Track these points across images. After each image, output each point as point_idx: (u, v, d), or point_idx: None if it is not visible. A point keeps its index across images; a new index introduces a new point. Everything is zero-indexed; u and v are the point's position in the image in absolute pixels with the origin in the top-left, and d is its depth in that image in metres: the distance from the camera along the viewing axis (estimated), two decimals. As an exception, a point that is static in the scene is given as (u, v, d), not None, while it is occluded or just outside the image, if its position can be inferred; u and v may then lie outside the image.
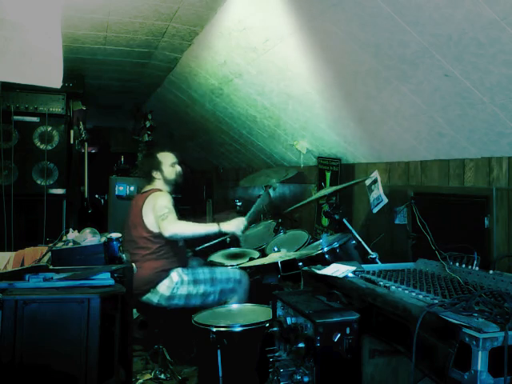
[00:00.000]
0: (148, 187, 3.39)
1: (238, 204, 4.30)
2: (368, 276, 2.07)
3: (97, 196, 6.15)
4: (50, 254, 2.46)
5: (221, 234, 3.97)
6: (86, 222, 4.65)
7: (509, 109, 2.00)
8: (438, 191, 2.66)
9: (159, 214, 3.07)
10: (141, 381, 3.13)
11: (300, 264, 2.73)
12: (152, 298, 3.14)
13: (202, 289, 3.17)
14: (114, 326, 1.94)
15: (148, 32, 3.56)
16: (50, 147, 4.65)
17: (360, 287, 1.90)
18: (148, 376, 3.19)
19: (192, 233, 3.15)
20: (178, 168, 3.44)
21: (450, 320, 1.38)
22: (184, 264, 3.31)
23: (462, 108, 2.18)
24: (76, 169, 5.14)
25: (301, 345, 1.83)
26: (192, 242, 3.85)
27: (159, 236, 3.12)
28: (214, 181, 7.04)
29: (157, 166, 3.37)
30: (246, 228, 3.34)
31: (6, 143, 4.45)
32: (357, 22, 2.21)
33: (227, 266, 3.50)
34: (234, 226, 3.19)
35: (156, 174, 3.37)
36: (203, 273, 3.23)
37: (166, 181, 3.38)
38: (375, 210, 3.11)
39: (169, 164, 3.39)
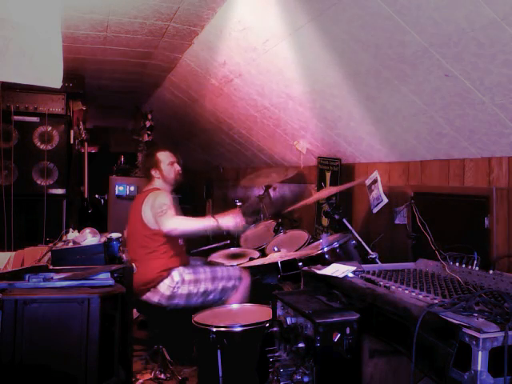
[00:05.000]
0: (148, 187, 3.42)
1: (238, 204, 4.31)
2: (368, 276, 2.07)
3: (97, 196, 6.15)
4: (49, 253, 2.46)
5: (222, 236, 3.96)
6: (86, 222, 4.66)
7: (509, 109, 2.00)
8: (438, 191, 2.66)
9: (158, 210, 3.09)
10: (141, 381, 3.13)
11: (300, 264, 2.73)
12: (152, 297, 3.14)
13: (202, 288, 3.17)
14: (114, 325, 1.94)
15: (148, 32, 3.56)
16: (50, 147, 4.65)
17: (360, 287, 1.90)
18: (148, 376, 3.19)
19: (190, 227, 3.15)
20: (177, 167, 3.46)
21: (450, 320, 1.38)
22: (185, 263, 3.31)
23: (462, 108, 2.18)
24: (76, 169, 5.14)
25: (301, 345, 1.83)
26: (193, 244, 3.86)
27: (158, 234, 3.13)
28: (213, 181, 7.04)
29: (155, 164, 3.40)
30: (245, 223, 3.33)
31: (5, 143, 4.45)
32: (357, 21, 2.22)
33: (227, 266, 3.50)
34: (232, 220, 3.18)
35: (155, 173, 3.40)
36: (204, 271, 3.24)
37: (165, 179, 3.40)
38: (375, 210, 3.11)
39: (167, 163, 3.42)
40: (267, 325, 2.42)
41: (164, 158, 3.42)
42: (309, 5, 2.39)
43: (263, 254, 3.53)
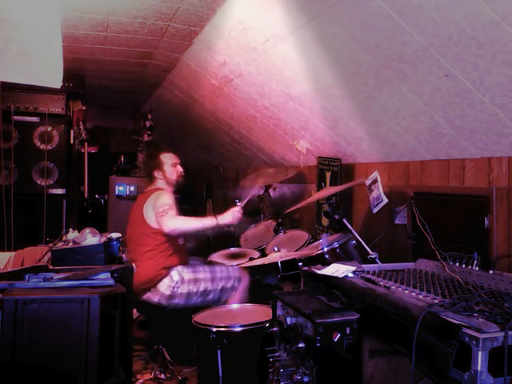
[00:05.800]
0: (150, 187, 3.43)
1: (238, 204, 4.32)
2: (368, 276, 2.07)
3: (97, 196, 6.15)
4: (49, 253, 2.47)
5: (222, 236, 3.96)
6: (86, 222, 4.67)
7: (509, 109, 2.00)
8: (438, 191, 2.66)
9: (159, 210, 3.10)
10: (141, 381, 3.13)
11: (300, 264, 2.73)
12: (152, 297, 3.14)
13: (202, 287, 3.18)
14: (114, 325, 1.94)
15: (148, 32, 3.56)
16: (50, 147, 4.65)
17: (360, 287, 1.90)
18: (148, 376, 3.19)
19: (191, 227, 3.17)
20: (180, 168, 3.49)
21: (450, 320, 1.38)
22: (185, 262, 3.31)
23: (462, 108, 2.18)
24: (76, 169, 5.14)
25: (301, 345, 1.83)
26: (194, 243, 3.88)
27: (159, 232, 3.14)
28: (213, 181, 7.04)
29: (158, 165, 3.43)
30: (244, 217, 3.35)
31: (5, 143, 4.46)
32: (357, 21, 2.21)
33: (227, 265, 3.50)
34: (231, 217, 3.21)
35: (158, 174, 3.42)
36: (204, 271, 3.24)
37: (168, 181, 3.42)
38: (375, 210, 3.11)
39: (170, 164, 3.45)
40: (267, 325, 2.42)
41: (167, 159, 3.46)
42: (309, 5, 2.39)
43: (263, 254, 3.53)
